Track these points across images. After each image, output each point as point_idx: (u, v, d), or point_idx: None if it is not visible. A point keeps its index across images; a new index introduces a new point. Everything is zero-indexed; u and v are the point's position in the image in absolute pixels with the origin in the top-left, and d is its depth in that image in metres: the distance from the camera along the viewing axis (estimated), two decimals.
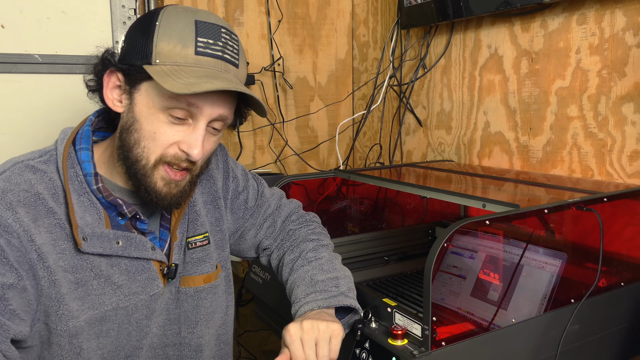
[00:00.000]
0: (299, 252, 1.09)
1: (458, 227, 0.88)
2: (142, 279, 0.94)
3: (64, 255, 0.86)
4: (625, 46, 1.24)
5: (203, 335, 1.04)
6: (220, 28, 0.89)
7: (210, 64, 0.87)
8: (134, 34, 0.90)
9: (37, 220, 0.84)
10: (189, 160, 0.90)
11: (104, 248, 0.89)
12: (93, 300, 0.89)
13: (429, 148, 1.85)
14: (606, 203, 1.07)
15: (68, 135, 0.93)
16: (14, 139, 1.60)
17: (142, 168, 0.89)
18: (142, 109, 0.88)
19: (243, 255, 1.20)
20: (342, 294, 0.98)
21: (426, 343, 0.86)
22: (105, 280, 0.90)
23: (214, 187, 1.09)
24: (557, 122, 1.40)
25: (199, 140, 0.88)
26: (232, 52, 0.90)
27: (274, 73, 2.05)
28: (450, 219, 1.64)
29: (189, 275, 1.01)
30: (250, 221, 1.15)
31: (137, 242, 0.92)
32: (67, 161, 0.90)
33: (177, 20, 0.87)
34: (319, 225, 1.20)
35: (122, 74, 0.90)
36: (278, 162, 2.11)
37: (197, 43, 0.86)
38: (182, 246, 1.01)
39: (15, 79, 1.60)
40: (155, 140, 0.88)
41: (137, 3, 1.74)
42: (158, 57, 0.85)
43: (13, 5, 1.57)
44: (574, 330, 1.00)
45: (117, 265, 0.91)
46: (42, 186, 0.87)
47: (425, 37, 1.80)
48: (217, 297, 1.06)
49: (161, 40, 0.86)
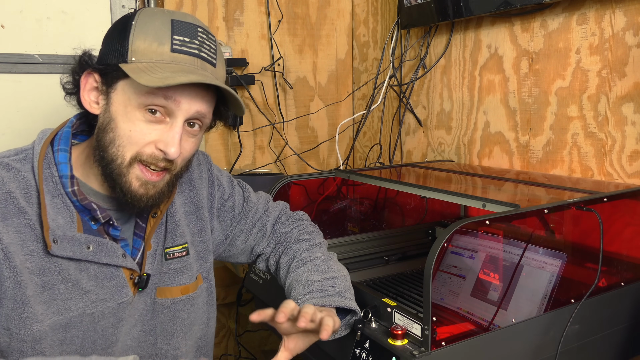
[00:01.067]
0: (293, 254, 1.09)
1: (458, 227, 0.88)
2: (111, 285, 0.92)
3: (32, 256, 0.84)
4: (625, 46, 1.24)
5: (180, 347, 1.02)
6: (196, 27, 0.89)
7: (186, 61, 0.86)
8: (110, 36, 0.89)
9: (7, 219, 0.83)
10: (166, 160, 0.88)
11: (74, 252, 0.87)
12: (59, 305, 0.87)
13: (429, 148, 1.85)
14: (606, 203, 1.07)
15: (47, 135, 0.92)
16: (14, 139, 1.60)
17: (118, 167, 0.87)
18: (118, 108, 0.87)
19: (235, 261, 1.20)
20: (339, 294, 0.98)
21: (426, 343, 0.86)
22: (72, 285, 0.88)
23: (196, 197, 1.07)
24: (557, 122, 1.40)
25: (176, 137, 0.87)
26: (209, 51, 0.89)
27: (274, 73, 2.05)
28: (450, 219, 1.64)
29: (165, 287, 0.99)
30: (239, 227, 1.15)
31: (107, 248, 0.91)
32: (44, 161, 0.89)
33: (153, 20, 0.87)
34: (310, 223, 1.20)
35: (99, 75, 0.89)
36: (278, 162, 2.11)
37: (173, 41, 0.85)
38: (156, 256, 0.98)
39: (15, 79, 1.60)
40: (131, 139, 0.86)
41: (137, 3, 1.74)
42: (134, 55, 0.85)
43: (13, 5, 1.57)
44: (574, 330, 1.00)
45: (86, 271, 0.89)
46: (15, 185, 0.85)
47: (425, 37, 1.80)
48: (196, 308, 1.04)
49: (137, 38, 0.85)
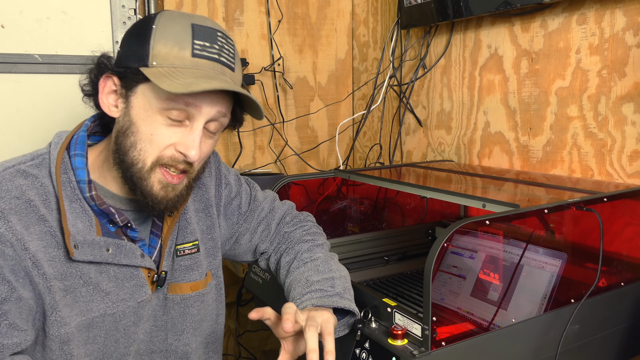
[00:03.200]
0: (295, 254, 1.09)
1: (458, 227, 0.88)
2: (130, 285, 0.93)
3: (54, 262, 0.86)
4: (625, 46, 1.24)
5: (190, 342, 1.04)
6: (216, 32, 0.89)
7: (207, 66, 0.87)
8: (130, 38, 0.90)
9: (29, 227, 0.84)
10: (186, 162, 0.89)
11: (94, 255, 0.88)
12: (81, 307, 0.88)
13: (429, 148, 1.85)
14: (606, 203, 1.07)
15: (63, 139, 0.92)
16: (14, 139, 1.60)
17: (139, 171, 0.88)
18: (138, 112, 0.87)
19: (239, 260, 1.20)
20: (338, 295, 0.98)
21: (426, 343, 0.86)
22: (93, 288, 0.89)
23: (206, 194, 1.08)
24: (557, 122, 1.40)
25: (196, 140, 0.88)
26: (228, 55, 0.90)
27: (274, 73, 2.05)
28: (450, 219, 1.64)
29: (176, 283, 1.01)
30: (245, 226, 1.15)
31: (126, 250, 0.92)
32: (61, 166, 0.89)
33: (173, 24, 0.87)
34: (314, 224, 1.20)
35: (118, 78, 0.89)
36: (278, 162, 2.11)
37: (193, 45, 0.86)
38: (170, 253, 1.00)
39: (15, 79, 1.60)
40: (152, 142, 0.87)
41: (137, 3, 1.74)
42: (155, 60, 0.85)
43: (13, 5, 1.57)
44: (574, 330, 1.00)
45: (106, 272, 0.91)
46: (34, 192, 0.86)
47: (425, 37, 1.80)
48: (205, 305, 1.06)
49: (158, 42, 0.86)
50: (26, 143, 1.62)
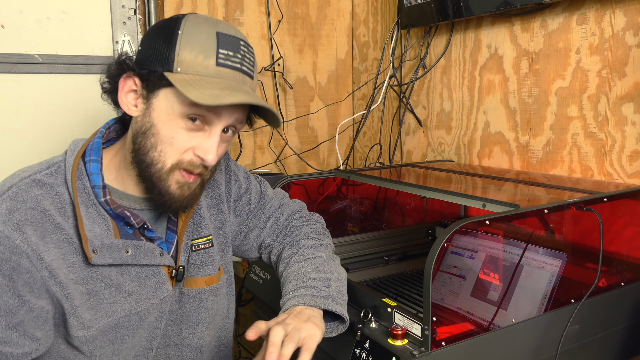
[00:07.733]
0: (297, 248, 1.10)
1: (458, 227, 0.88)
2: (152, 284, 0.95)
3: (74, 268, 0.87)
4: (625, 46, 1.24)
5: (204, 336, 1.05)
6: (239, 41, 0.92)
7: (229, 75, 0.89)
8: (154, 41, 0.90)
9: (45, 237, 0.85)
10: (203, 166, 0.92)
11: (114, 258, 0.90)
12: (106, 309, 0.90)
13: (429, 148, 1.85)
14: (606, 203, 1.07)
15: (79, 147, 0.94)
16: (14, 139, 1.60)
17: (158, 171, 0.90)
18: (160, 114, 0.89)
19: (247, 256, 1.21)
20: (330, 297, 0.97)
21: (426, 343, 0.86)
22: (116, 289, 0.91)
23: (217, 190, 1.10)
24: (557, 122, 1.40)
25: (214, 146, 0.90)
26: (249, 64, 0.93)
27: (274, 73, 2.05)
28: (450, 219, 1.64)
29: (191, 277, 1.02)
30: (254, 221, 1.16)
31: (145, 250, 0.94)
32: (76, 173, 0.91)
33: (199, 31, 0.89)
34: (322, 225, 1.20)
35: (139, 79, 0.90)
36: (278, 162, 2.11)
37: (218, 54, 0.88)
38: (186, 248, 1.02)
39: (15, 79, 1.59)
40: (173, 145, 0.89)
41: (137, 3, 1.74)
42: (180, 66, 0.87)
43: (13, 5, 1.57)
44: (574, 330, 1.00)
45: (127, 273, 0.92)
46: (49, 201, 0.87)
47: (425, 37, 1.80)
48: (218, 299, 1.07)
49: (183, 49, 0.87)
50: (26, 143, 1.62)
